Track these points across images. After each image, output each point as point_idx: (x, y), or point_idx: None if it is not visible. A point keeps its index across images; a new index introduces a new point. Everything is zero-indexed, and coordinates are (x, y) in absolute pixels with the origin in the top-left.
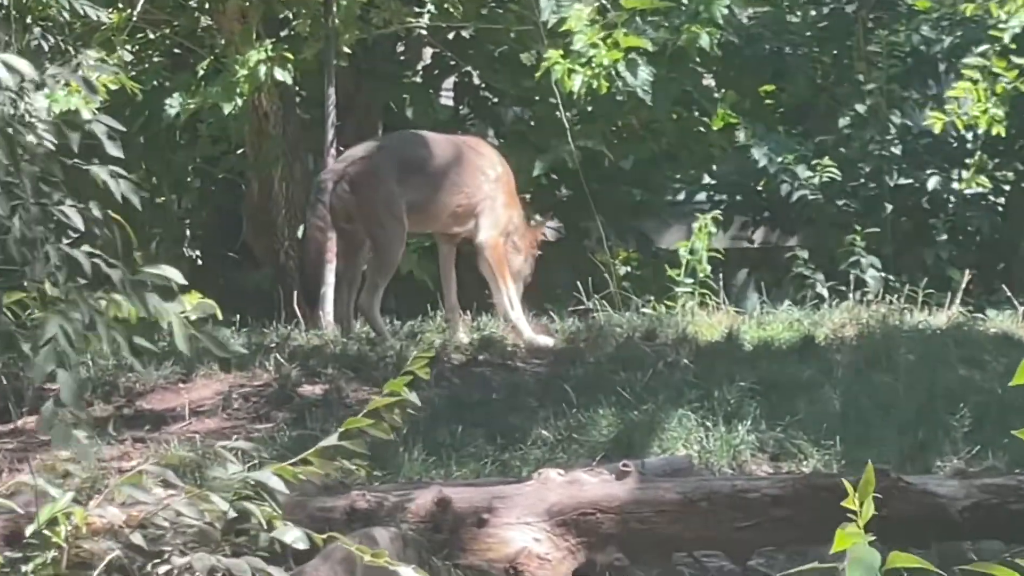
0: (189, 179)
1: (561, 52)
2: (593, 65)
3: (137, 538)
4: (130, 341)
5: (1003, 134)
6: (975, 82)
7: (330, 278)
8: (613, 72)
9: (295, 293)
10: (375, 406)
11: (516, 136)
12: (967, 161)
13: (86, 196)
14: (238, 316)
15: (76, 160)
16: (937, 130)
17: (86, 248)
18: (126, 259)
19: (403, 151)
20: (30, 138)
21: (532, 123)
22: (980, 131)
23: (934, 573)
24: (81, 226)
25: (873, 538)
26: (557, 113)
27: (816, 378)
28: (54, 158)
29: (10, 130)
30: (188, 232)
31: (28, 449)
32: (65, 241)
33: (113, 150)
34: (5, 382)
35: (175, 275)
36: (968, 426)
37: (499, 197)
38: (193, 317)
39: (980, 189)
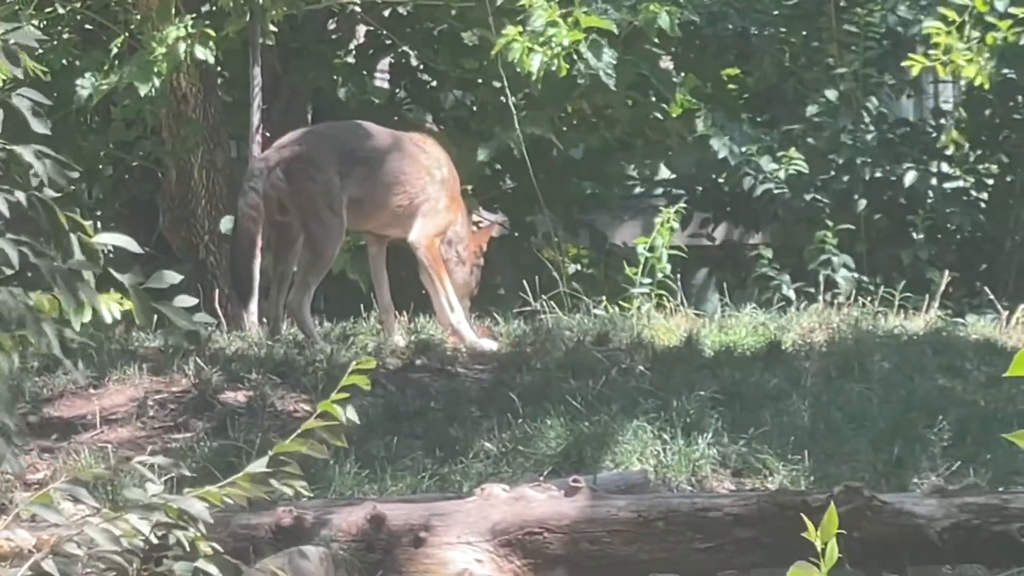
0: (101, 166)
1: (519, 30)
2: (552, 45)
3: (49, 565)
4: (62, 339)
5: (986, 85)
6: (952, 23)
7: (257, 274)
8: (574, 54)
9: (216, 291)
10: (309, 427)
11: (456, 122)
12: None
13: (6, 179)
14: (155, 316)
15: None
16: (915, 72)
17: (11, 236)
18: (58, 244)
19: (346, 141)
20: None
21: (474, 108)
22: (962, 83)
23: None
24: (6, 212)
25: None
26: (502, 98)
27: (783, 387)
28: None
29: None
30: (99, 224)
31: None
32: None
33: (38, 127)
34: None
35: (130, 244)
36: (947, 440)
37: (441, 200)
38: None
39: (961, 183)
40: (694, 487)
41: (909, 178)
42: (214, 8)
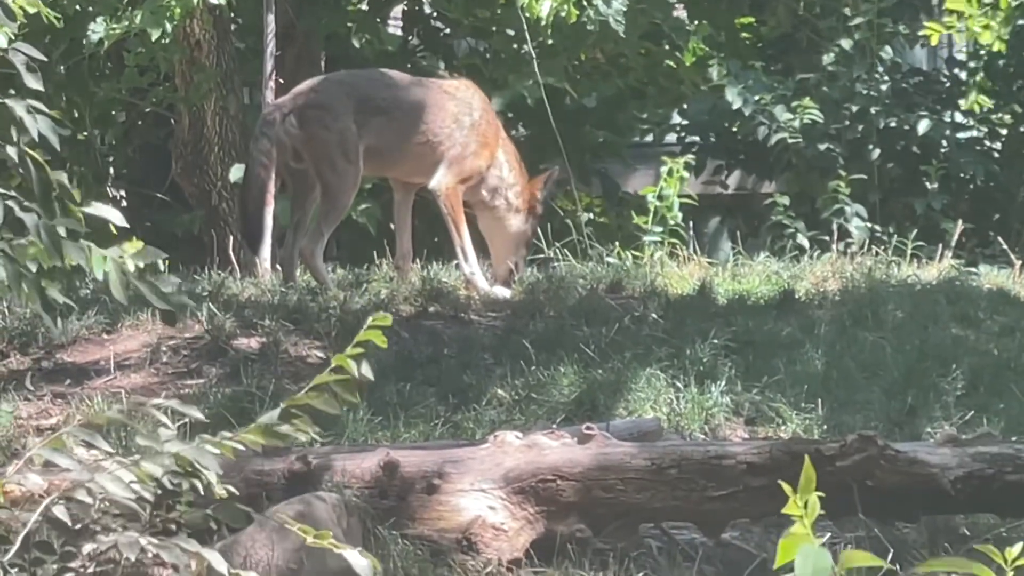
0: (113, 113)
1: None
2: None
3: (60, 511)
4: (42, 294)
5: (1003, 50)
6: None
7: (269, 221)
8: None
9: (229, 238)
10: (321, 380)
11: (470, 70)
12: (963, 87)
13: None
14: (167, 262)
15: None
16: (933, 42)
17: None
18: (44, 203)
19: (364, 89)
20: None
21: (488, 56)
22: (982, 50)
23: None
24: None
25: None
26: (515, 46)
27: (796, 336)
28: None
29: None
30: (112, 170)
31: None
32: None
33: (32, 82)
34: None
35: (115, 216)
36: (961, 389)
37: (470, 146)
38: (132, 265)
39: (975, 133)
40: (707, 435)
41: (923, 127)
42: None
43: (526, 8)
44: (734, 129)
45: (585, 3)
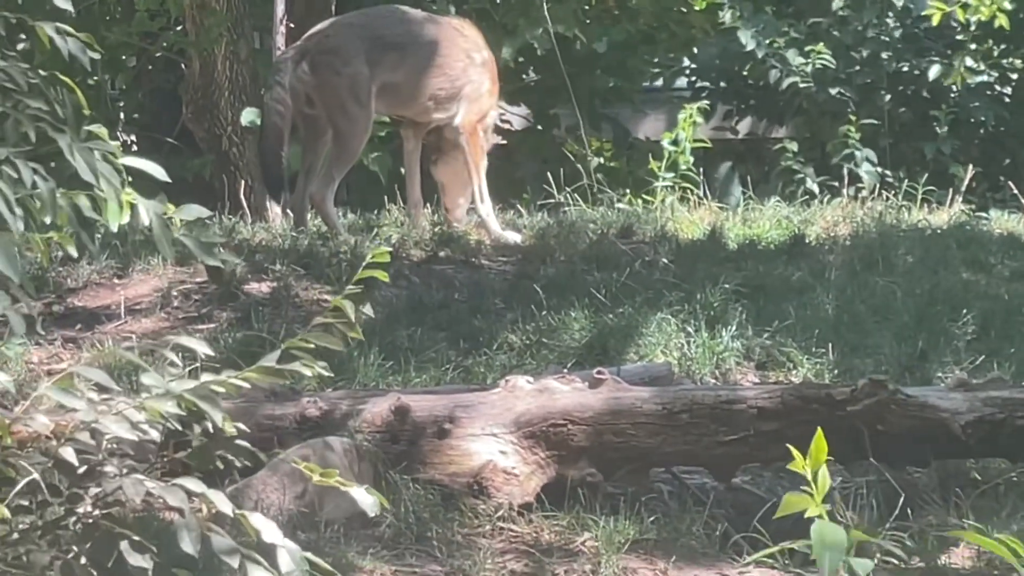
0: (124, 57)
1: None
2: None
3: (67, 453)
4: (79, 214)
5: (1006, 27)
6: None
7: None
8: None
9: (240, 182)
10: (323, 320)
11: (480, 15)
12: (972, 48)
13: (26, 55)
14: (207, 211)
15: (20, 15)
16: (935, 22)
17: (31, 111)
18: (76, 126)
19: (375, 28)
20: None
21: (497, 0)
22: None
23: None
24: (25, 87)
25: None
26: None
27: (807, 280)
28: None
29: None
30: (122, 115)
31: None
32: (8, 103)
33: (61, 2)
34: None
35: (156, 170)
36: (972, 334)
37: (484, 83)
38: (178, 220)
39: (985, 78)
40: (718, 380)
41: (933, 72)
42: None
43: None
44: (745, 73)
45: None
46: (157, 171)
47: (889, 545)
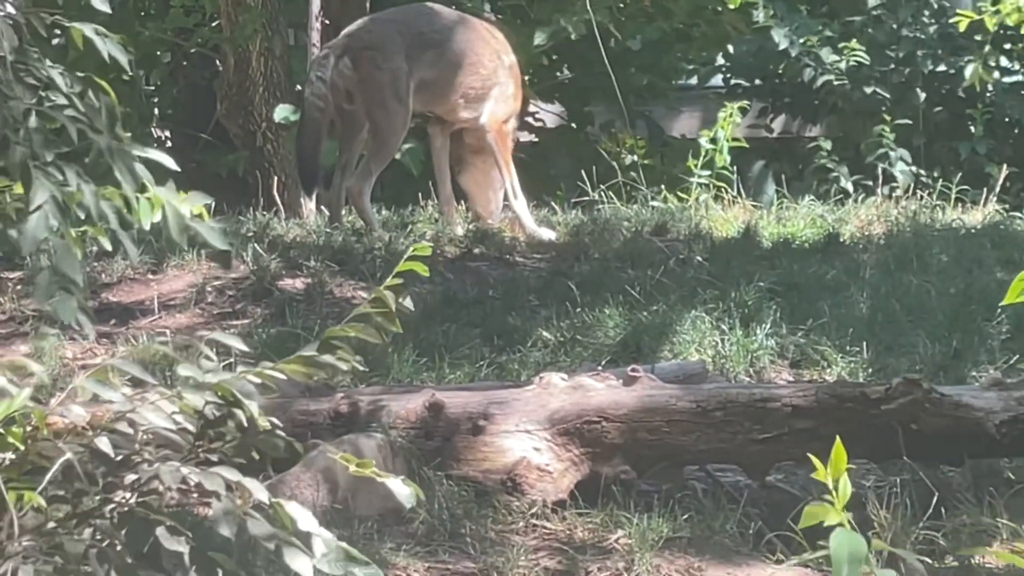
0: (159, 53)
1: None
2: None
3: (103, 443)
4: (120, 214)
5: None
6: None
7: (323, 163)
8: None
9: (274, 178)
10: (362, 311)
11: (515, 10)
12: (1007, 48)
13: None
14: (211, 199)
15: (57, 15)
16: (962, 28)
17: (70, 113)
18: (111, 128)
19: (415, 25)
20: None
21: None
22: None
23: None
24: (64, 89)
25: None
26: None
27: (841, 279)
28: (33, 10)
29: None
30: (157, 111)
31: None
32: (47, 105)
33: (99, 4)
34: None
35: (166, 160)
36: (1006, 333)
37: (510, 86)
38: (186, 209)
39: (1020, 77)
40: (752, 378)
41: (968, 72)
42: None
43: None
44: (780, 71)
45: None
46: (167, 161)
47: (910, 555)
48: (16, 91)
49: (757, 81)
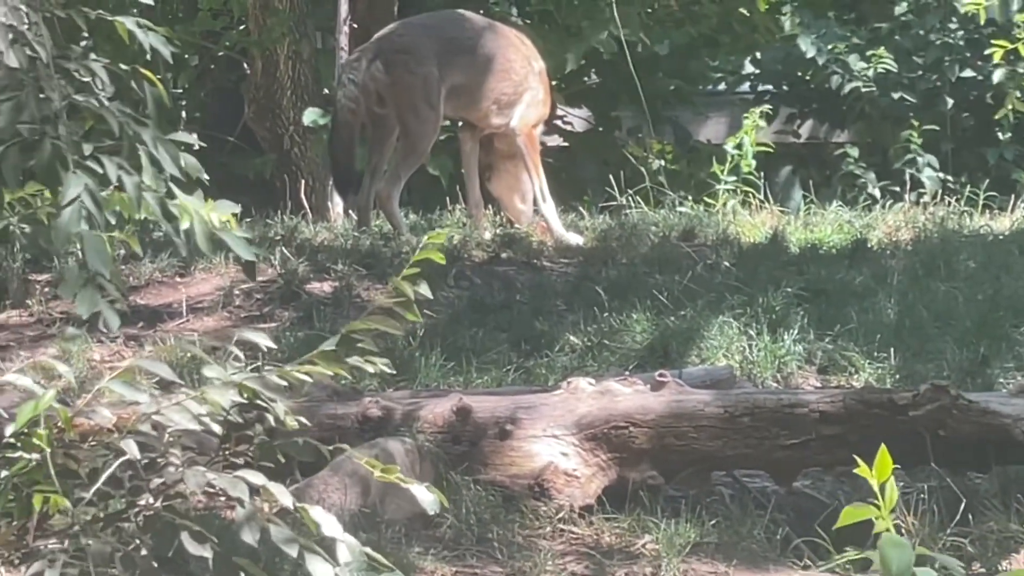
0: (186, 56)
1: None
2: None
3: (129, 445)
4: (163, 203)
5: None
6: None
7: (357, 166)
8: None
9: (301, 182)
10: (384, 303)
11: (543, 16)
12: None
13: (105, 51)
14: (239, 206)
15: (99, 11)
16: (996, 58)
17: (116, 105)
18: (157, 120)
19: (446, 30)
20: None
21: (560, 2)
22: None
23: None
24: (108, 82)
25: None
26: None
27: (869, 285)
28: (75, 5)
29: None
30: (184, 114)
31: (11, 346)
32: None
33: None
34: None
35: (193, 164)
36: None
37: (540, 91)
38: (215, 217)
39: None
40: (780, 383)
41: (996, 77)
42: None
43: None
44: (807, 78)
45: None
46: (196, 167)
47: (951, 560)
48: (52, 87)
49: (785, 87)
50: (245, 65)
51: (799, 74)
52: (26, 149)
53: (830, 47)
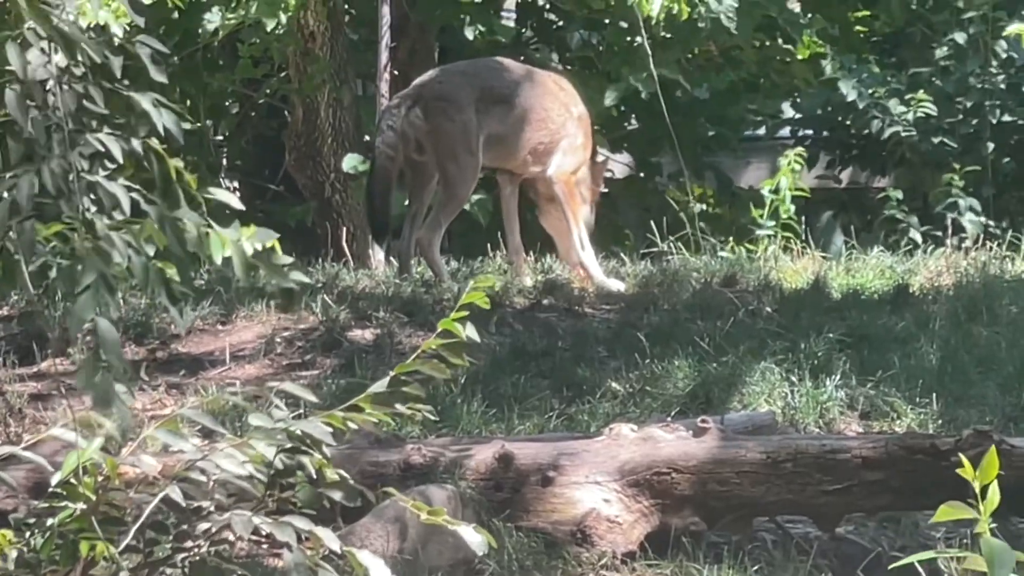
0: (228, 103)
1: None
2: None
3: (174, 492)
4: (168, 286)
5: None
6: None
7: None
8: None
9: (342, 229)
10: (430, 345)
11: (582, 62)
12: None
13: (117, 124)
14: (277, 237)
15: (116, 84)
16: None
17: (124, 181)
18: (166, 195)
19: (485, 79)
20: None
21: (600, 48)
22: None
23: None
24: (120, 157)
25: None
26: (628, 38)
27: (911, 330)
28: (94, 79)
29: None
30: (225, 161)
31: (52, 395)
32: (102, 173)
33: (157, 75)
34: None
35: (232, 200)
36: None
37: (579, 137)
38: (250, 248)
39: None
40: (822, 429)
41: None
42: None
43: (637, 7)
44: (848, 123)
45: (697, 0)
46: (234, 201)
47: None
48: (69, 159)
49: (825, 132)
50: (286, 112)
51: (840, 119)
52: (42, 220)
53: (871, 91)
